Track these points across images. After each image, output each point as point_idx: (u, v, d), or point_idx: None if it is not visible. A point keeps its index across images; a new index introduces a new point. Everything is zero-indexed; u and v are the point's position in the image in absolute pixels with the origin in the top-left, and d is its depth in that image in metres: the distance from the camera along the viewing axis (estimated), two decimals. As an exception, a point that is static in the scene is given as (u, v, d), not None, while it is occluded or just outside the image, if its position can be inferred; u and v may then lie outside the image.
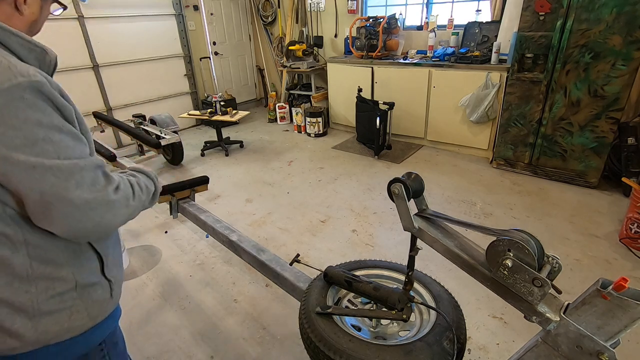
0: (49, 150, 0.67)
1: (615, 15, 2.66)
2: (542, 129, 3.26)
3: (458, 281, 2.15)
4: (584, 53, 2.86)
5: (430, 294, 1.30)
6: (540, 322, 0.86)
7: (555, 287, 0.87)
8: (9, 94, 0.64)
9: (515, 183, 3.38)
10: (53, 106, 0.70)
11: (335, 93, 4.96)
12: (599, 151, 3.05)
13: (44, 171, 0.67)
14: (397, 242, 2.61)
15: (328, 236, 2.72)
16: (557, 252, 2.42)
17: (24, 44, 0.73)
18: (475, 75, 3.64)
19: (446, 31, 4.14)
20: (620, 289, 0.70)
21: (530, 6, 2.98)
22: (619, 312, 0.72)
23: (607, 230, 2.62)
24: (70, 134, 0.72)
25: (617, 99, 2.85)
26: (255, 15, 6.14)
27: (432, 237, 1.05)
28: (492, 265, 0.92)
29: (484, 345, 1.79)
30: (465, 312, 1.93)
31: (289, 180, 3.69)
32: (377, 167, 3.90)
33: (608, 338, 0.76)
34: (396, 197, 1.07)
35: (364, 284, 1.26)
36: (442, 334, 1.11)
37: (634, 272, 2.21)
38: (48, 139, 0.68)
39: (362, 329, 1.28)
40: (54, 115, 0.69)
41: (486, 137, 3.83)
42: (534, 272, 0.83)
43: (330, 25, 5.23)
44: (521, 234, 0.90)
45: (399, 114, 4.32)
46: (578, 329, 0.79)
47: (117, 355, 0.99)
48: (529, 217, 2.84)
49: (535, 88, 3.18)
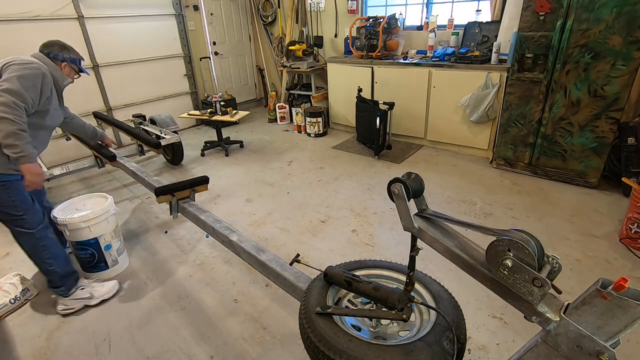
0: (19, 81, 1.73)
1: (615, 15, 2.66)
2: (542, 129, 3.26)
3: (458, 281, 2.15)
4: (584, 53, 2.86)
5: (430, 294, 1.30)
6: (540, 322, 0.86)
7: (555, 287, 0.87)
8: (37, 69, 1.83)
9: (515, 183, 3.38)
10: (41, 82, 1.84)
11: (335, 93, 4.96)
12: (599, 151, 3.05)
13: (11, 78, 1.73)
14: (397, 242, 2.61)
15: (328, 236, 2.72)
16: (557, 252, 2.42)
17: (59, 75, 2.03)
18: (475, 75, 3.64)
19: (446, 31, 4.14)
20: (620, 289, 0.70)
21: (530, 6, 2.98)
22: (619, 312, 0.72)
23: (607, 230, 2.62)
24: (34, 92, 1.81)
25: (617, 99, 2.85)
26: (255, 15, 6.14)
27: (432, 237, 1.05)
28: (492, 265, 0.92)
29: (484, 345, 1.79)
30: (465, 312, 1.94)
31: (289, 180, 3.69)
32: (377, 167, 3.90)
33: (608, 338, 0.76)
34: (396, 197, 1.07)
35: (364, 284, 1.26)
36: (442, 334, 1.11)
37: (634, 272, 2.21)
38: (26, 84, 1.76)
39: (362, 329, 1.28)
40: (37, 84, 1.82)
41: (486, 137, 3.83)
42: (534, 272, 0.83)
43: (330, 25, 5.23)
44: (521, 234, 0.90)
45: (399, 114, 4.32)
46: (578, 329, 0.78)
47: (17, 191, 1.87)
48: (529, 217, 2.84)
49: (535, 88, 3.18)
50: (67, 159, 4.36)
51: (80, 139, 3.40)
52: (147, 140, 3.32)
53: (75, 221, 2.12)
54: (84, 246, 2.22)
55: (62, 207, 2.26)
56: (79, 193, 3.60)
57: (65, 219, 2.12)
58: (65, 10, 4.06)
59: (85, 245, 2.22)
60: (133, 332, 1.94)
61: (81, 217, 2.13)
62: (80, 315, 2.09)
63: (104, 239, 2.27)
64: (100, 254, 2.28)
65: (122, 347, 1.86)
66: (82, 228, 2.15)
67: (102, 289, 2.17)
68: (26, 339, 1.95)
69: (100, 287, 2.18)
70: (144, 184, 2.81)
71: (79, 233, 2.17)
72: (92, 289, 2.15)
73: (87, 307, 2.13)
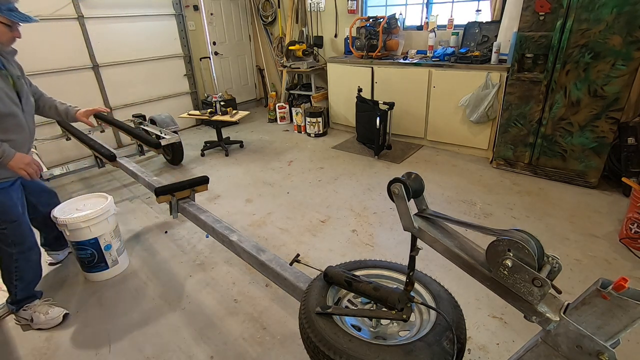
0: None
1: (615, 15, 2.66)
2: (542, 129, 3.26)
3: (458, 281, 2.15)
4: (584, 53, 2.86)
5: (430, 294, 1.30)
6: (540, 322, 0.86)
7: (555, 287, 0.87)
8: None
9: (515, 183, 3.38)
10: None
11: (335, 93, 4.96)
12: (599, 151, 3.05)
13: None
14: (397, 242, 2.61)
15: (328, 236, 2.72)
16: (557, 252, 2.42)
17: None
18: (475, 75, 3.64)
19: (446, 31, 4.14)
20: (620, 289, 0.70)
21: (530, 6, 2.98)
22: (619, 312, 0.72)
23: (607, 230, 2.62)
24: None
25: (617, 99, 2.85)
26: (255, 15, 6.14)
27: (432, 237, 1.05)
28: (492, 265, 0.92)
29: (484, 345, 1.79)
30: (465, 312, 1.94)
31: (288, 180, 3.69)
32: (377, 167, 3.90)
33: (608, 338, 0.76)
34: (396, 197, 1.07)
35: (363, 284, 1.26)
36: (442, 333, 1.11)
37: (634, 272, 2.21)
38: None
39: (362, 329, 1.28)
40: None
41: (486, 137, 3.83)
42: (534, 272, 0.83)
43: (330, 25, 5.23)
44: (521, 234, 0.90)
45: (399, 114, 4.32)
46: (578, 329, 0.78)
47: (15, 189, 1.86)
48: (529, 217, 2.83)
49: (535, 88, 3.18)
50: (67, 159, 4.36)
51: (79, 138, 3.40)
52: (147, 140, 3.32)
53: (75, 221, 2.12)
54: (84, 246, 2.22)
55: (62, 207, 2.26)
56: (79, 193, 3.60)
57: (65, 219, 2.12)
58: (65, 10, 4.06)
59: (85, 245, 2.22)
60: (133, 332, 1.94)
61: (81, 217, 2.13)
62: (81, 315, 2.09)
63: (104, 239, 2.27)
64: (100, 254, 2.28)
65: (122, 348, 1.86)
66: (82, 228, 2.15)
67: (41, 318, 1.99)
68: (26, 339, 1.95)
69: (42, 315, 2.00)
70: (144, 184, 2.81)
71: (79, 233, 2.17)
72: (33, 314, 2.00)
73: (87, 308, 2.13)
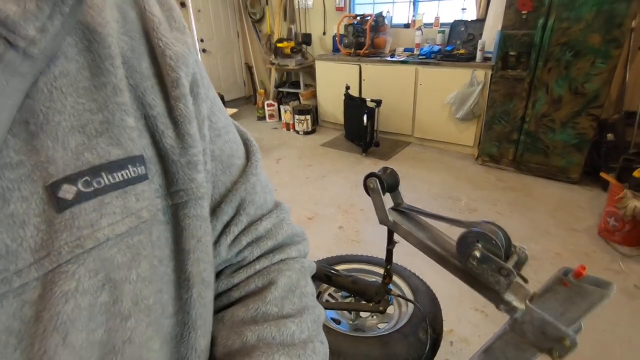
0: None
1: (595, 13, 2.72)
2: (526, 125, 3.31)
3: (442, 275, 2.17)
4: (565, 51, 2.92)
5: (409, 287, 1.32)
6: (508, 310, 0.89)
7: (521, 276, 0.90)
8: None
9: (500, 179, 3.43)
10: None
11: (323, 91, 4.97)
12: (580, 147, 3.12)
13: None
14: (382, 238, 2.61)
15: (315, 233, 2.73)
16: (539, 246, 2.47)
17: None
18: (460, 73, 3.68)
19: (432, 29, 4.18)
20: (579, 276, 0.73)
21: (513, 4, 3.03)
22: (578, 299, 0.75)
23: (587, 224, 2.69)
24: None
25: (597, 96, 2.91)
26: (244, 12, 6.10)
27: (406, 230, 1.08)
28: (462, 257, 0.94)
29: (466, 338, 1.82)
30: (448, 305, 1.97)
31: (277, 178, 3.69)
32: (365, 164, 3.93)
33: (570, 323, 0.79)
34: (372, 191, 1.09)
35: (342, 277, 1.28)
36: (418, 325, 1.13)
37: (612, 264, 2.27)
38: None
39: (341, 322, 1.30)
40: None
41: (472, 134, 3.88)
42: (500, 262, 0.86)
43: (319, 22, 5.23)
44: (490, 226, 0.92)
45: (387, 112, 4.34)
46: (542, 315, 0.81)
47: None
48: (513, 212, 2.89)
49: (519, 85, 3.23)
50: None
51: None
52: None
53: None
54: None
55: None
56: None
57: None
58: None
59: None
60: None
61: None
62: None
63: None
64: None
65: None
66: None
67: None
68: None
69: None
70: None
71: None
72: None
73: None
